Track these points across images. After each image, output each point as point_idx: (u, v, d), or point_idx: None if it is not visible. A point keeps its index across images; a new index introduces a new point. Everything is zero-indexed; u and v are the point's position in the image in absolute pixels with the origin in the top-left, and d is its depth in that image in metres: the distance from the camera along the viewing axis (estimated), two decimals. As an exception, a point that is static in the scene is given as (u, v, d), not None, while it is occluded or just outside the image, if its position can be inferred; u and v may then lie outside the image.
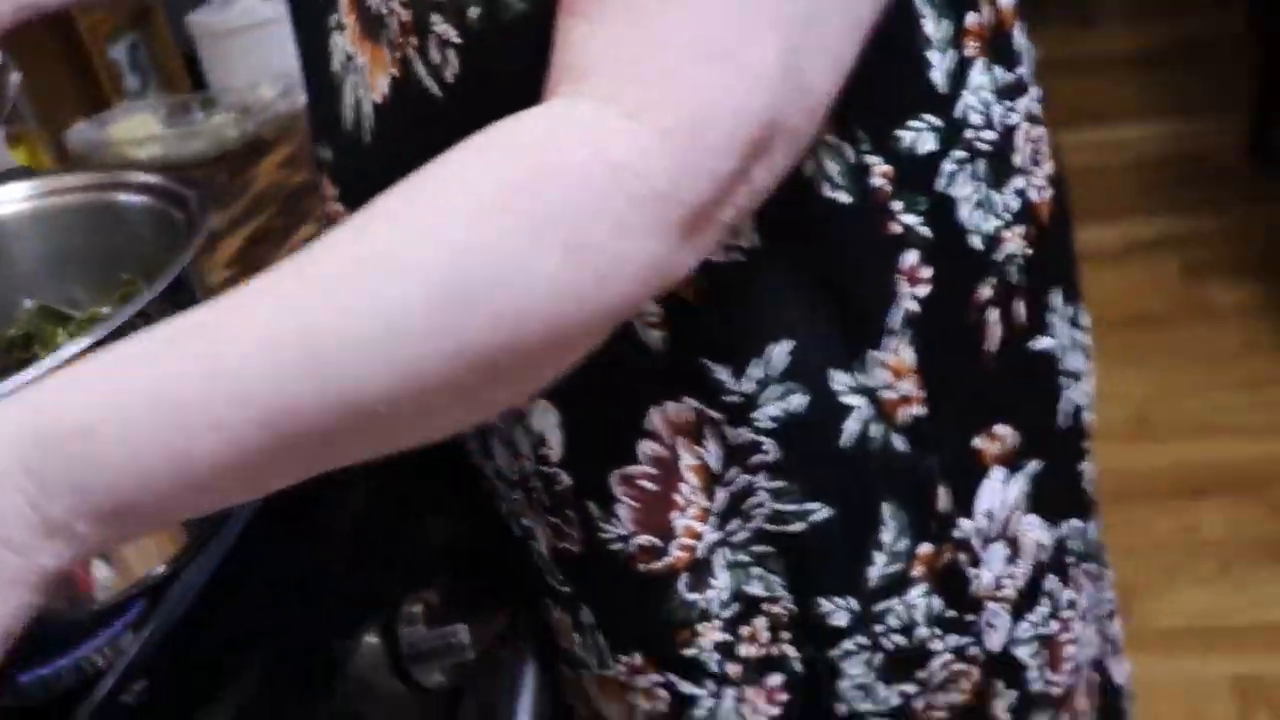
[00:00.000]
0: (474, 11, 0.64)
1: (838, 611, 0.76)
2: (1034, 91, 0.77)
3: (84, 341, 0.73)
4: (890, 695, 0.78)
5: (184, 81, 1.52)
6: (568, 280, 0.53)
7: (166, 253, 0.79)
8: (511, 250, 0.52)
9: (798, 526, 0.74)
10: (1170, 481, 2.24)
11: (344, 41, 0.73)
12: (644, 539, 0.74)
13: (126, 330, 0.65)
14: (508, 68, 0.64)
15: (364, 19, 0.71)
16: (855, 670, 0.78)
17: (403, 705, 0.78)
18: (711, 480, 0.73)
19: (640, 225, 0.54)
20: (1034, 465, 0.79)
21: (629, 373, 0.70)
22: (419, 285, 0.52)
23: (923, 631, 0.77)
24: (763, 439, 0.72)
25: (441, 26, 0.66)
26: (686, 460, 0.73)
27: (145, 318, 0.67)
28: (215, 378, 0.52)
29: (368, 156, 0.73)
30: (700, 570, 0.75)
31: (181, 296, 0.71)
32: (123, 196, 0.81)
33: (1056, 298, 0.80)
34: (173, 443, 0.52)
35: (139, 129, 1.29)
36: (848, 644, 0.77)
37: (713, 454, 0.73)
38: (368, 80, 0.72)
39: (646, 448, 0.72)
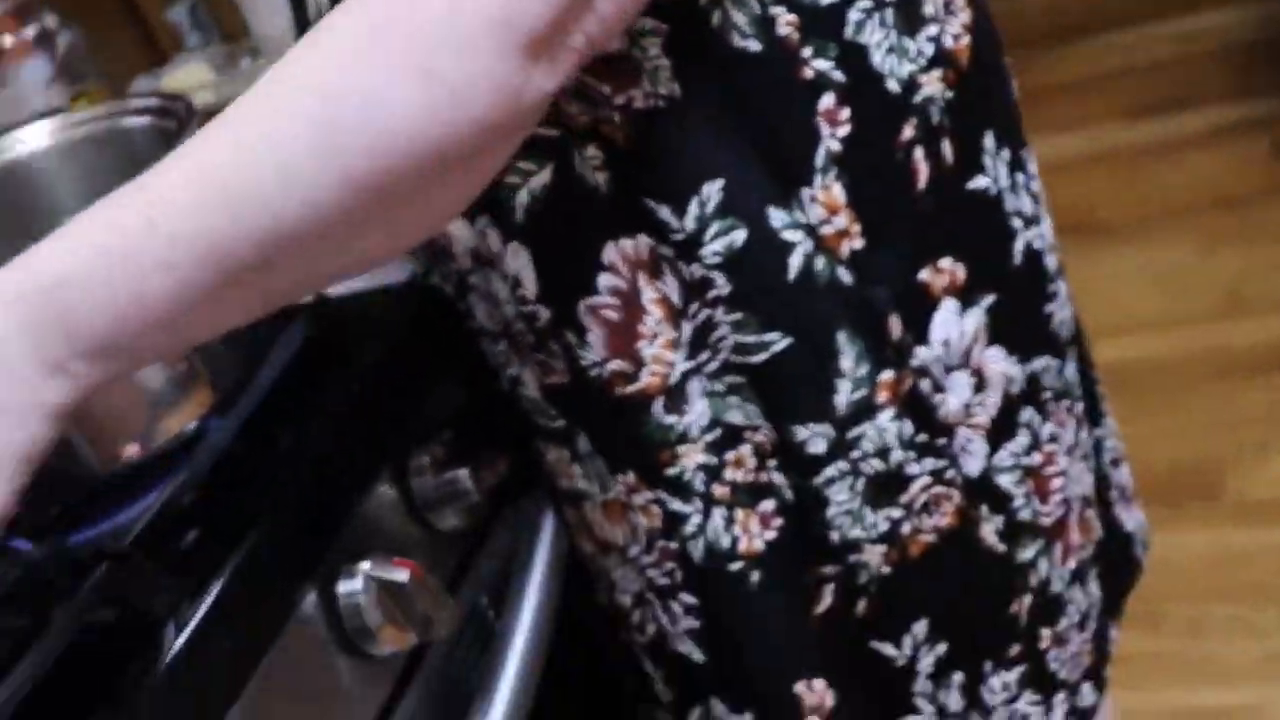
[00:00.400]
0: None
1: (814, 438, 0.82)
2: None
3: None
4: (878, 520, 0.84)
5: (246, 37, 1.61)
6: (426, 105, 0.60)
7: None
8: (372, 83, 0.60)
9: (760, 357, 0.80)
10: (1262, 356, 2.23)
11: None
12: (615, 364, 0.81)
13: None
14: None
15: None
16: (840, 497, 0.83)
17: (419, 548, 0.86)
18: (675, 314, 0.80)
19: (485, 49, 0.61)
20: (989, 300, 0.83)
21: (583, 211, 0.77)
22: (298, 117, 0.60)
23: (898, 455, 0.83)
24: (714, 274, 0.78)
25: None
26: (648, 294, 0.80)
27: None
28: (153, 225, 0.61)
29: None
30: (675, 396, 0.82)
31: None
32: (129, 121, 0.91)
33: (988, 140, 0.84)
34: (129, 286, 0.61)
35: (192, 78, 1.40)
36: (829, 470, 0.83)
37: (672, 288, 0.80)
38: None
39: (605, 280, 0.79)
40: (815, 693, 0.88)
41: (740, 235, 0.78)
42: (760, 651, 0.89)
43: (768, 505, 0.85)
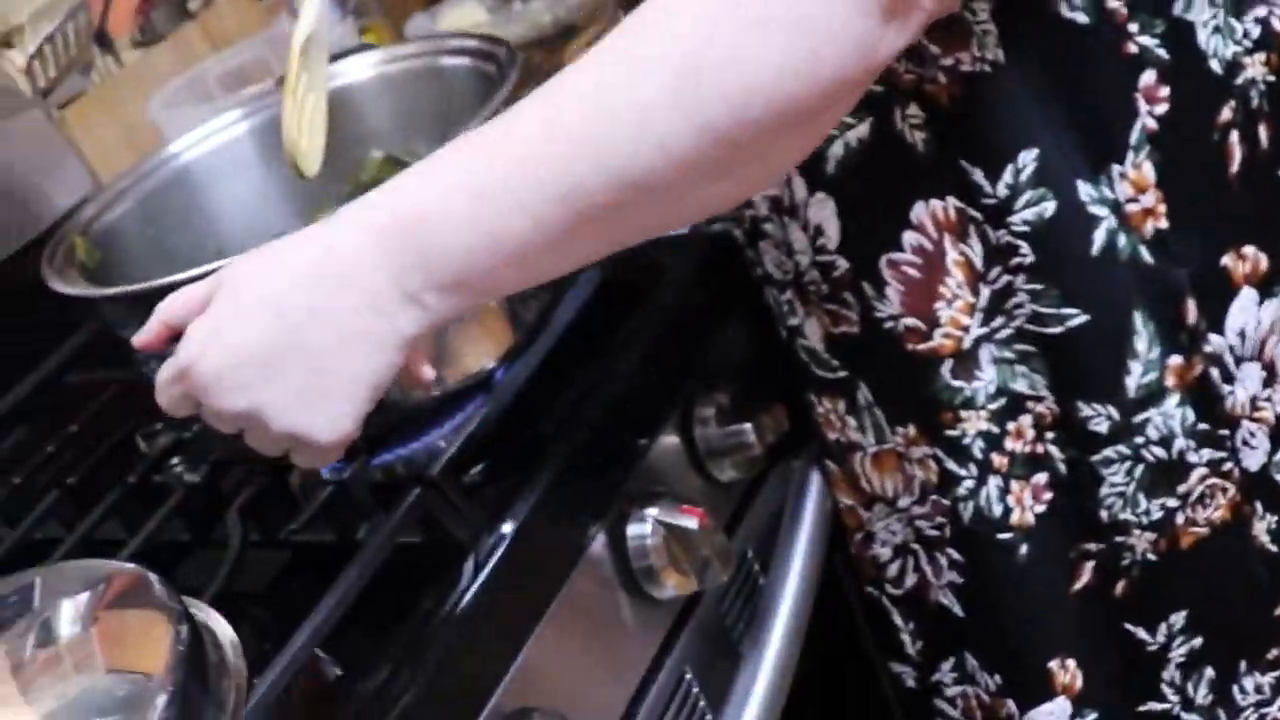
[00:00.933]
0: None
1: (1098, 418, 0.81)
2: None
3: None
4: (1151, 507, 0.83)
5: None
6: (788, 57, 0.60)
7: (484, 103, 0.90)
8: (740, 35, 0.60)
9: (1056, 329, 0.79)
10: None
11: None
12: (910, 321, 0.81)
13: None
14: None
15: None
16: (1116, 478, 0.82)
17: (696, 496, 0.87)
18: (976, 277, 0.80)
19: (850, 5, 0.60)
20: None
21: (897, 168, 0.77)
22: (662, 69, 0.61)
23: (1180, 443, 0.81)
24: (1019, 242, 0.78)
25: None
26: (952, 255, 0.79)
27: None
28: (515, 167, 0.63)
29: None
30: (966, 360, 0.81)
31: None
32: (446, 60, 0.93)
33: None
34: (488, 223, 0.63)
35: (465, 17, 1.42)
36: (1108, 451, 0.81)
37: (977, 252, 0.79)
38: None
39: (910, 238, 0.79)
40: (1067, 671, 0.88)
41: (1050, 206, 0.77)
42: (1018, 623, 0.88)
43: (1041, 478, 0.84)
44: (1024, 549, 0.85)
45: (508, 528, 0.76)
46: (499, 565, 0.75)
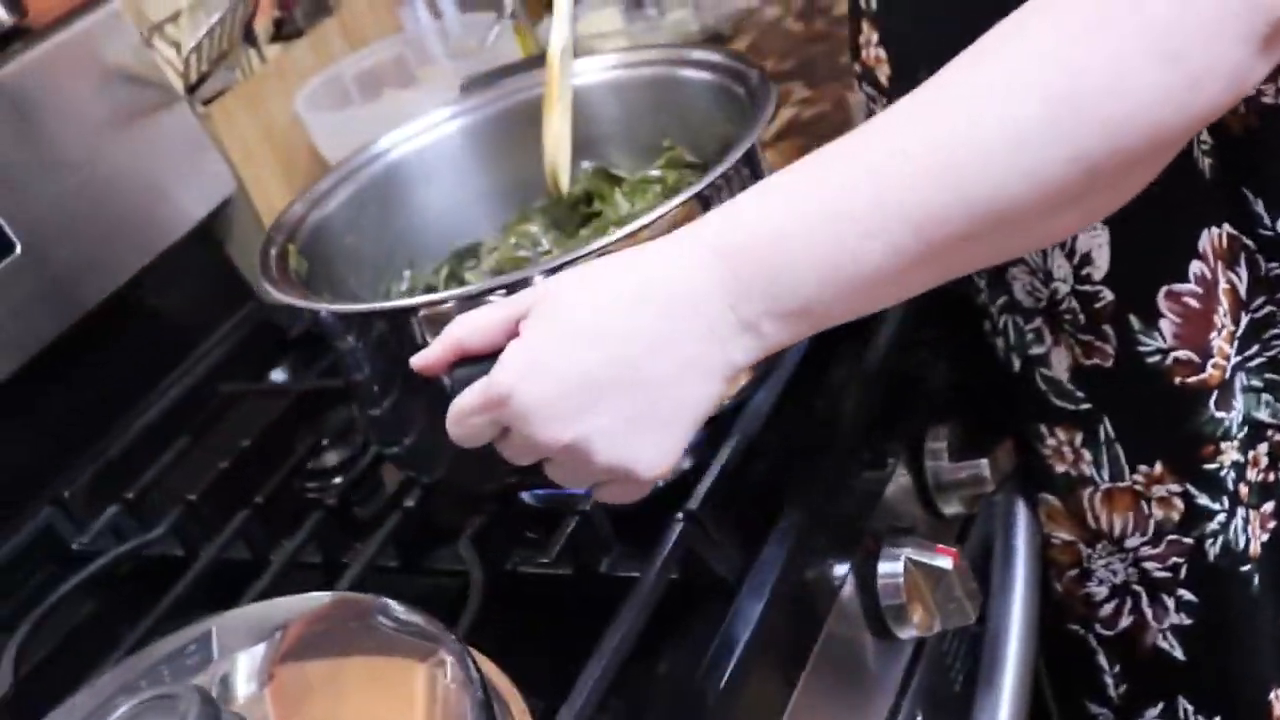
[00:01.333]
0: None
1: None
2: None
3: (657, 205, 0.82)
4: None
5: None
6: (1167, 87, 0.57)
7: (724, 125, 0.87)
8: (1119, 63, 0.57)
9: None
10: None
11: None
12: (1182, 353, 0.79)
13: (703, 197, 0.74)
14: None
15: None
16: None
17: (922, 532, 0.85)
18: (1239, 305, 0.78)
19: (1231, 34, 0.58)
20: None
21: (1182, 196, 0.74)
22: (1041, 98, 0.57)
23: None
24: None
25: None
26: (1222, 284, 0.77)
27: (715, 189, 0.75)
28: (879, 191, 0.59)
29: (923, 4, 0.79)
30: (1226, 390, 0.79)
31: (749, 167, 0.79)
32: (685, 72, 0.90)
33: None
34: (848, 248, 0.59)
35: (604, 24, 1.39)
36: None
37: (1243, 279, 0.77)
38: None
39: (1196, 267, 0.77)
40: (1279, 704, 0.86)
41: None
42: (1246, 656, 0.86)
43: (1269, 506, 0.83)
44: (1256, 579, 0.84)
45: (770, 565, 0.73)
46: (766, 606, 0.72)
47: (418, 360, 0.67)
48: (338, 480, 0.96)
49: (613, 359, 0.61)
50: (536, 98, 0.94)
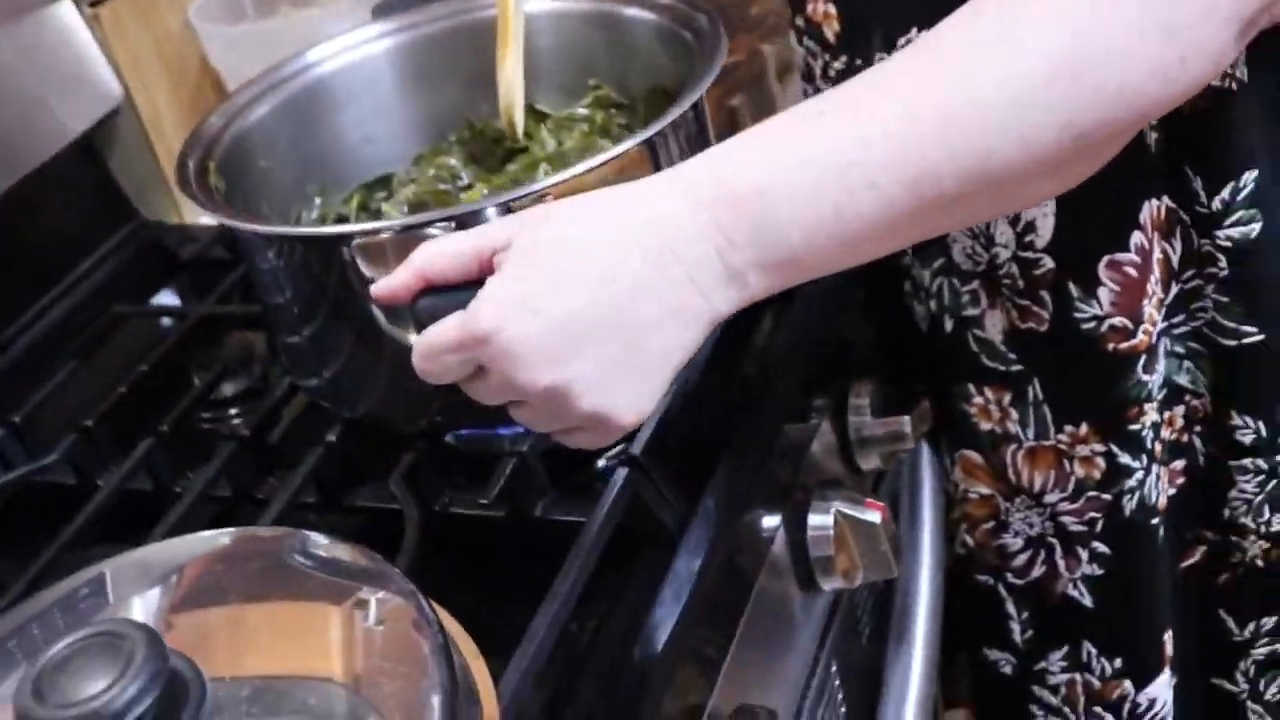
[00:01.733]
0: None
1: (1246, 430, 0.83)
2: None
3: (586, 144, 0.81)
4: (1274, 520, 0.86)
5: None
6: (1161, 60, 0.59)
7: (664, 67, 0.86)
8: (1121, 32, 0.58)
9: (1230, 342, 0.81)
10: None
11: None
12: (1117, 320, 0.81)
13: (650, 144, 0.73)
14: None
15: None
16: (1248, 487, 0.85)
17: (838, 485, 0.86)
18: (1170, 275, 0.81)
19: (1224, 13, 0.60)
20: None
21: (1130, 170, 0.75)
22: (1041, 61, 0.58)
23: None
24: (1220, 255, 0.79)
25: None
26: (1157, 253, 0.80)
27: (663, 137, 0.74)
28: (868, 145, 0.59)
29: None
30: (1152, 354, 0.82)
31: (695, 116, 0.78)
32: (631, 10, 0.88)
33: None
34: (834, 200, 0.59)
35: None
36: (1246, 461, 0.84)
37: (1177, 252, 0.80)
38: None
39: (1137, 238, 0.79)
40: (1170, 645, 0.92)
41: (1256, 228, 0.78)
42: (1149, 601, 0.91)
43: (1179, 463, 0.87)
44: (1162, 531, 0.88)
45: (707, 517, 0.73)
46: (706, 558, 0.72)
47: (380, 288, 0.65)
48: (234, 411, 0.93)
49: (599, 301, 0.59)
50: (467, 24, 0.93)
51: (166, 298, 1.09)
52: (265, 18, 1.22)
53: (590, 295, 0.59)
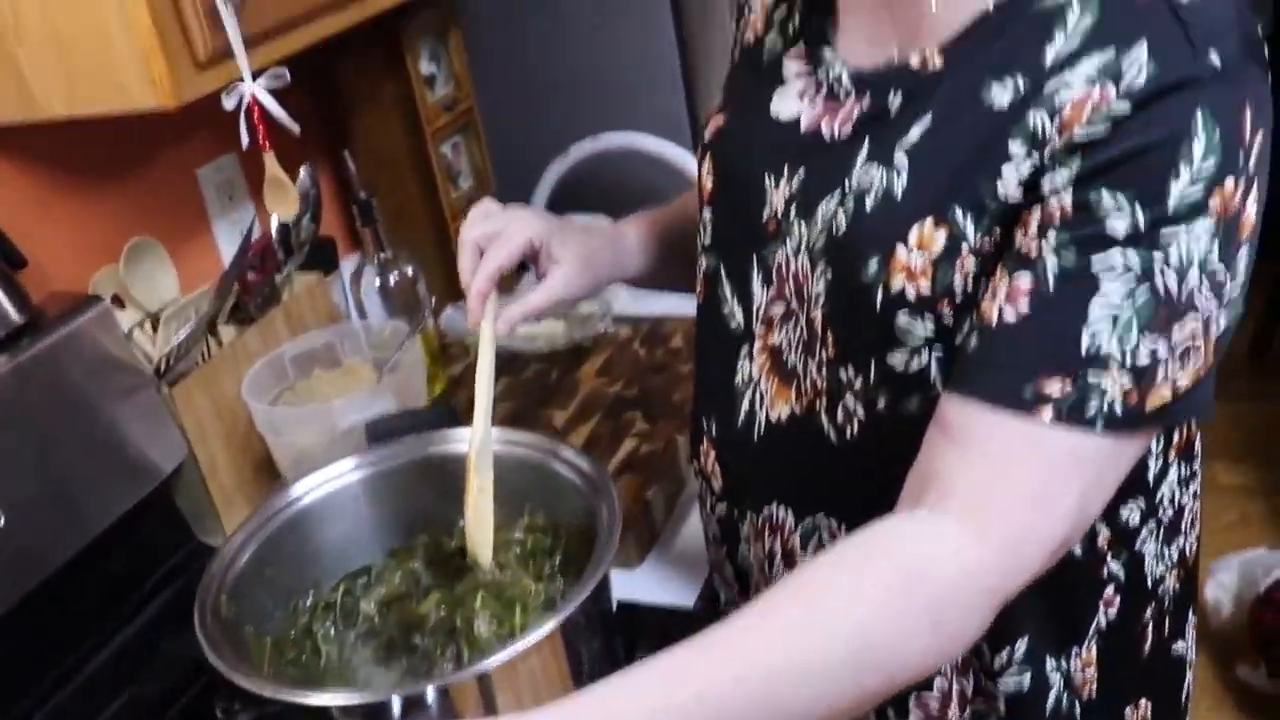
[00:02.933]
0: (881, 404, 0.93)
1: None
2: (1199, 474, 1.06)
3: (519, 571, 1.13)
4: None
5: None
6: (933, 648, 0.82)
7: (581, 509, 1.13)
8: (900, 632, 0.80)
9: None
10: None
11: (752, 368, 1.04)
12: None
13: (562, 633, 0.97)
14: (897, 445, 0.91)
15: (777, 364, 1.01)
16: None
17: None
18: (964, 703, 1.04)
19: (979, 608, 0.82)
20: None
21: None
22: (841, 651, 0.79)
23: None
24: (999, 700, 1.03)
25: (852, 404, 0.95)
26: (956, 688, 1.04)
27: (572, 622, 0.98)
28: (708, 702, 0.77)
29: (756, 453, 1.05)
30: None
31: (595, 599, 1.01)
32: (557, 465, 1.18)
33: (1191, 617, 1.12)
34: None
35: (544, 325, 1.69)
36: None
37: (969, 686, 1.04)
38: (769, 401, 1.02)
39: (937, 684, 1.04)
40: None
41: (1026, 679, 1.01)
42: None
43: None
44: None
45: None
46: None
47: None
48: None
49: None
50: (433, 457, 1.25)
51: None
52: (302, 379, 1.54)
53: None
